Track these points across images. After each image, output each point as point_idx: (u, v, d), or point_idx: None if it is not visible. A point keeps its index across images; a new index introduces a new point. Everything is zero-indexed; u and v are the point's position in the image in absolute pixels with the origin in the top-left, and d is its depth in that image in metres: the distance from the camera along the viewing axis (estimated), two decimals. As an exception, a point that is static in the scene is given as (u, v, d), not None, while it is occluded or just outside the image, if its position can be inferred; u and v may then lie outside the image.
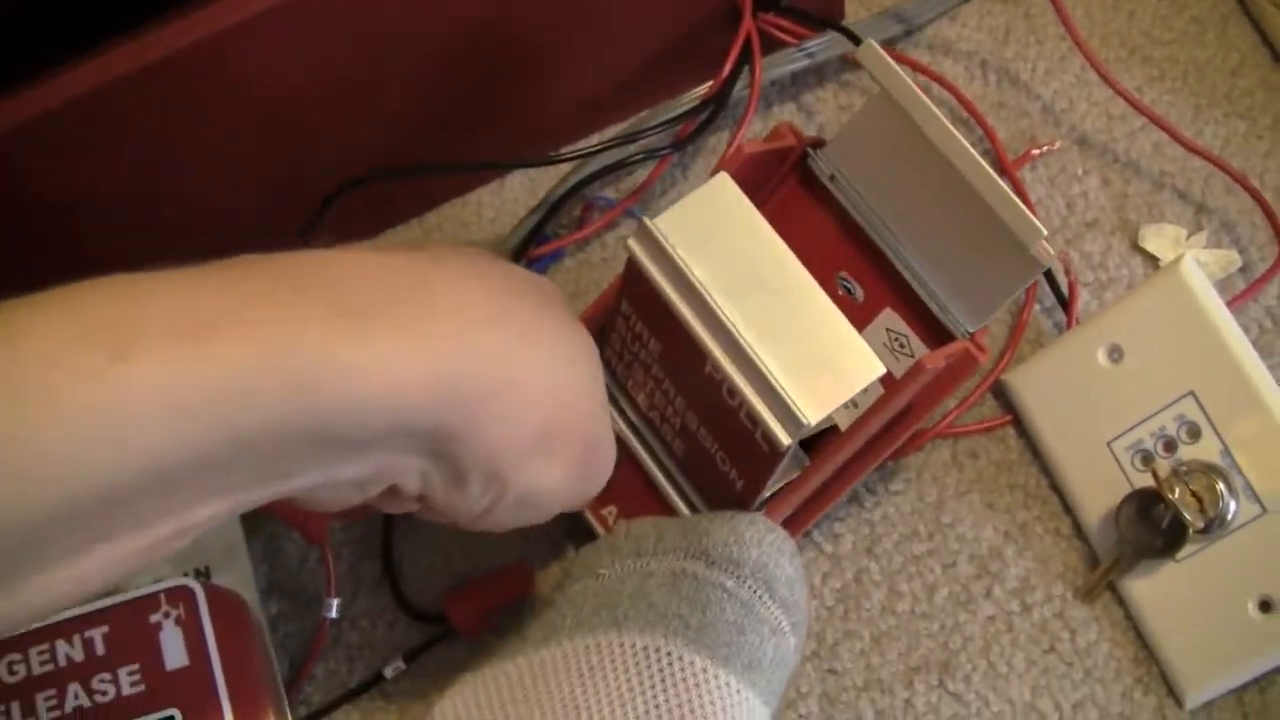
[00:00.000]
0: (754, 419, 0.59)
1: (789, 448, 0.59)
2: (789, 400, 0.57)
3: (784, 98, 0.83)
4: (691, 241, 0.60)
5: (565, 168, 0.79)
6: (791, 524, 0.67)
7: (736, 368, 0.59)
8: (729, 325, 0.59)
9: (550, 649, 0.60)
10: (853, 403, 0.60)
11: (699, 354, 0.60)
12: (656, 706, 0.57)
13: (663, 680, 0.58)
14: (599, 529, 0.69)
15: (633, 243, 0.61)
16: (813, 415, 0.57)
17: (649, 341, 0.64)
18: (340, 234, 0.79)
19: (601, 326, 0.68)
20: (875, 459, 0.66)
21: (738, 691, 0.58)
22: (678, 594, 0.60)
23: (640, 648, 0.58)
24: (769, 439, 0.59)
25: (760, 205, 0.61)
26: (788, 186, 0.67)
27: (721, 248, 0.60)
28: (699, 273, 0.59)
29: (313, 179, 0.74)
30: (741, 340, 0.58)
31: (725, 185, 0.61)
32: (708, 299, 0.59)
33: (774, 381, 0.58)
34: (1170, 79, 0.82)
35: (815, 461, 0.64)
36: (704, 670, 0.57)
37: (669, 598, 0.59)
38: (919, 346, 0.64)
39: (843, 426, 0.64)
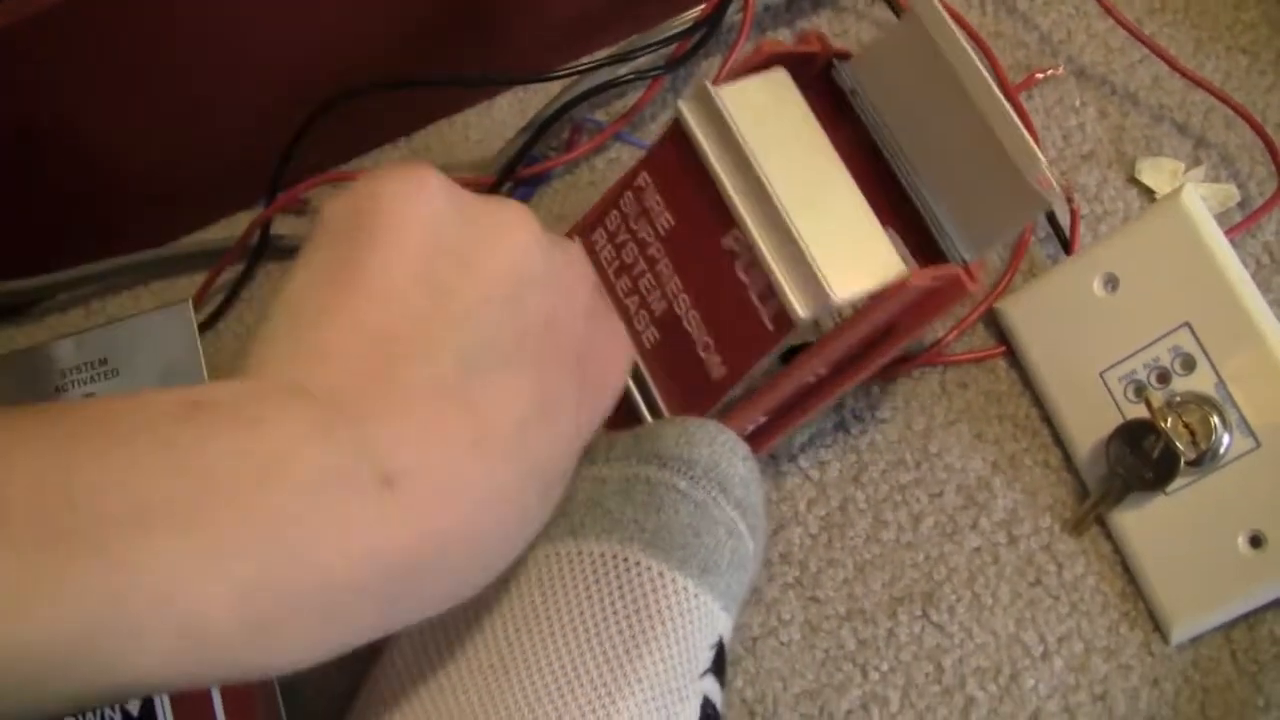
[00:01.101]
0: (772, 290, 0.59)
1: (804, 322, 0.58)
2: (818, 272, 0.58)
3: (778, 22, 0.82)
4: (745, 115, 0.61)
5: (555, 89, 0.78)
6: (758, 438, 0.66)
7: (767, 236, 0.59)
8: (771, 194, 0.59)
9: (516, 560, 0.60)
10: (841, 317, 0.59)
11: (723, 224, 0.60)
12: (615, 613, 0.57)
13: (619, 586, 0.58)
14: None
15: (684, 103, 0.61)
16: (840, 291, 0.57)
17: (660, 215, 0.64)
18: (325, 154, 0.78)
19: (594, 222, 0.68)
20: (853, 378, 0.65)
21: (695, 596, 0.58)
22: (631, 500, 0.59)
23: (597, 554, 0.58)
24: (781, 314, 0.59)
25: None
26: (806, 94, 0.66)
27: (771, 129, 0.61)
28: (749, 141, 0.60)
29: (296, 100, 0.73)
30: (781, 209, 0.59)
31: (781, 78, 0.63)
32: (754, 165, 0.59)
33: (806, 252, 0.58)
34: (1171, 11, 0.81)
35: (788, 367, 0.62)
36: (660, 575, 0.57)
37: (623, 504, 0.59)
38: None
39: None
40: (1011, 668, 0.69)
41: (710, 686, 0.59)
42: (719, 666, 0.59)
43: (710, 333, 0.63)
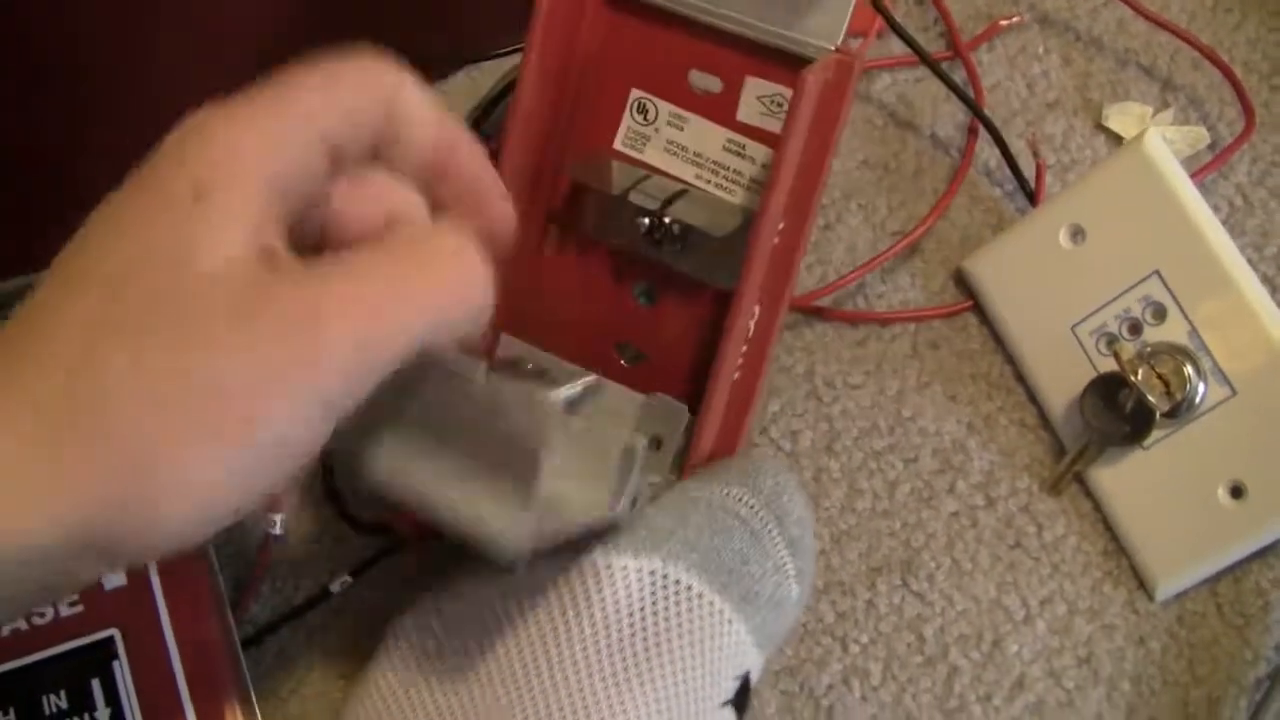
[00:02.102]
0: None
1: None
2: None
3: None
4: None
5: (508, 63, 0.76)
6: (764, 335, 0.64)
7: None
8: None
9: (530, 575, 0.59)
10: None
11: None
12: (644, 627, 0.57)
13: (653, 601, 0.57)
14: None
15: None
16: None
17: None
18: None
19: None
20: (807, 217, 0.62)
21: (729, 621, 0.57)
22: (685, 521, 0.59)
23: (633, 570, 0.57)
24: None
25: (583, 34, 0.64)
26: (603, 13, 0.65)
27: None
28: None
29: (242, 85, 0.72)
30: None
31: None
32: None
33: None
34: (1133, -48, 0.79)
35: (753, 229, 0.60)
36: (699, 595, 0.57)
37: (674, 524, 0.59)
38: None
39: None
40: (994, 633, 0.68)
41: (729, 719, 0.58)
42: (740, 702, 0.59)
43: None
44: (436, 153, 0.49)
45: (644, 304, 0.65)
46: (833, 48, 0.60)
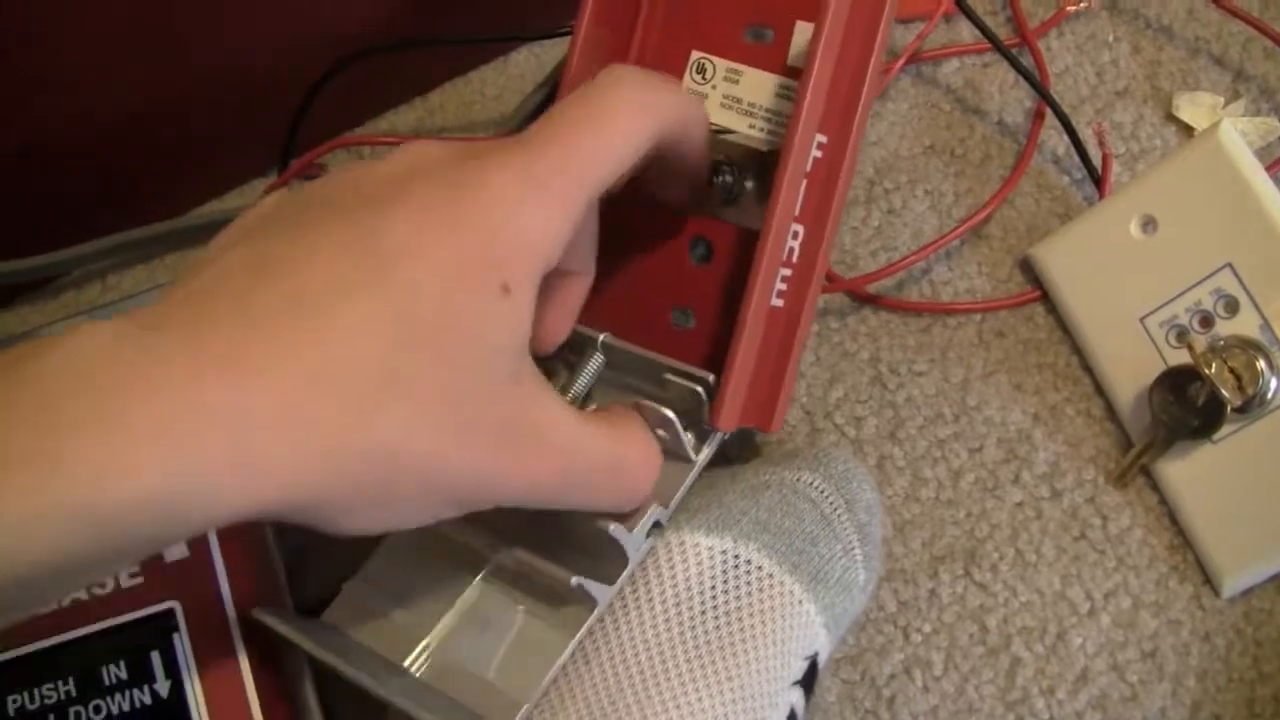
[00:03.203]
0: None
1: None
2: None
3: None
4: None
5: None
6: (806, 263, 0.61)
7: None
8: None
9: None
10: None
11: None
12: (715, 608, 0.57)
13: (725, 582, 0.57)
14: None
15: None
16: None
17: None
18: (338, 118, 0.77)
19: None
20: (849, 134, 0.60)
21: (800, 602, 0.58)
22: (758, 501, 0.59)
23: (705, 548, 0.58)
24: None
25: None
26: None
27: None
28: None
29: (306, 62, 0.71)
30: None
31: None
32: None
33: None
34: (1206, -61, 0.78)
35: (787, 139, 0.59)
36: (770, 575, 0.57)
37: (748, 504, 0.59)
38: None
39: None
40: (1058, 626, 0.67)
41: (797, 699, 0.58)
42: (809, 683, 0.59)
43: None
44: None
45: (699, 265, 0.64)
46: None
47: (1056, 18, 0.76)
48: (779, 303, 0.60)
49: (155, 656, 0.61)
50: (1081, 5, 0.77)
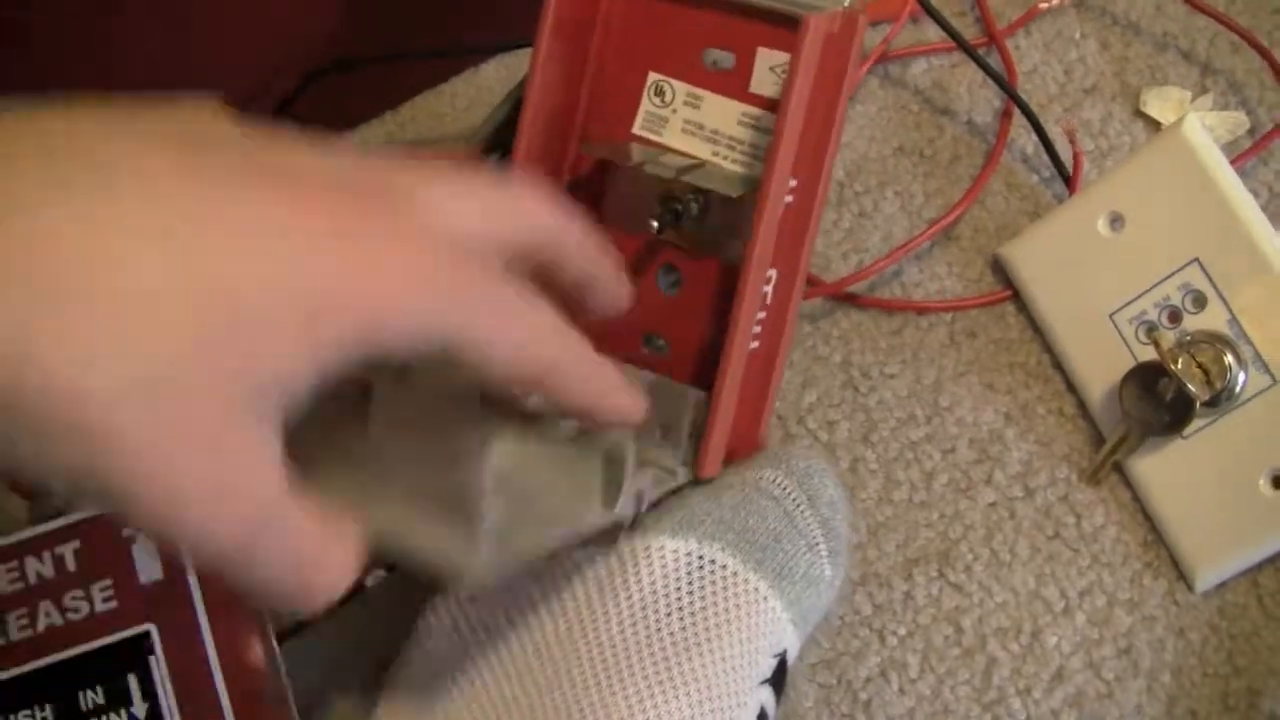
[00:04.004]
0: None
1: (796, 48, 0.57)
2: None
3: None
4: None
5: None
6: (781, 300, 0.62)
7: None
8: None
9: (562, 559, 0.59)
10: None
11: None
12: (681, 609, 0.57)
13: (690, 582, 0.57)
14: None
15: None
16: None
17: None
18: (309, 132, 0.77)
19: None
20: (820, 175, 0.61)
21: (765, 599, 0.58)
22: (720, 502, 0.59)
23: (669, 551, 0.58)
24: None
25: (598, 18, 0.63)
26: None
27: None
28: None
29: (276, 76, 0.71)
30: None
31: None
32: None
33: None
34: (1171, -66, 0.78)
35: (764, 182, 0.59)
36: (735, 573, 0.57)
37: (710, 505, 0.59)
38: None
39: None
40: (1033, 625, 0.67)
41: (767, 698, 0.58)
42: (778, 681, 0.59)
43: None
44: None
45: (669, 293, 0.65)
46: (845, 4, 0.60)
47: (1027, 16, 0.76)
48: (755, 345, 0.61)
49: (132, 680, 0.61)
50: (1054, 2, 0.77)
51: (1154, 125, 0.74)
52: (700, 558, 0.57)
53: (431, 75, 0.80)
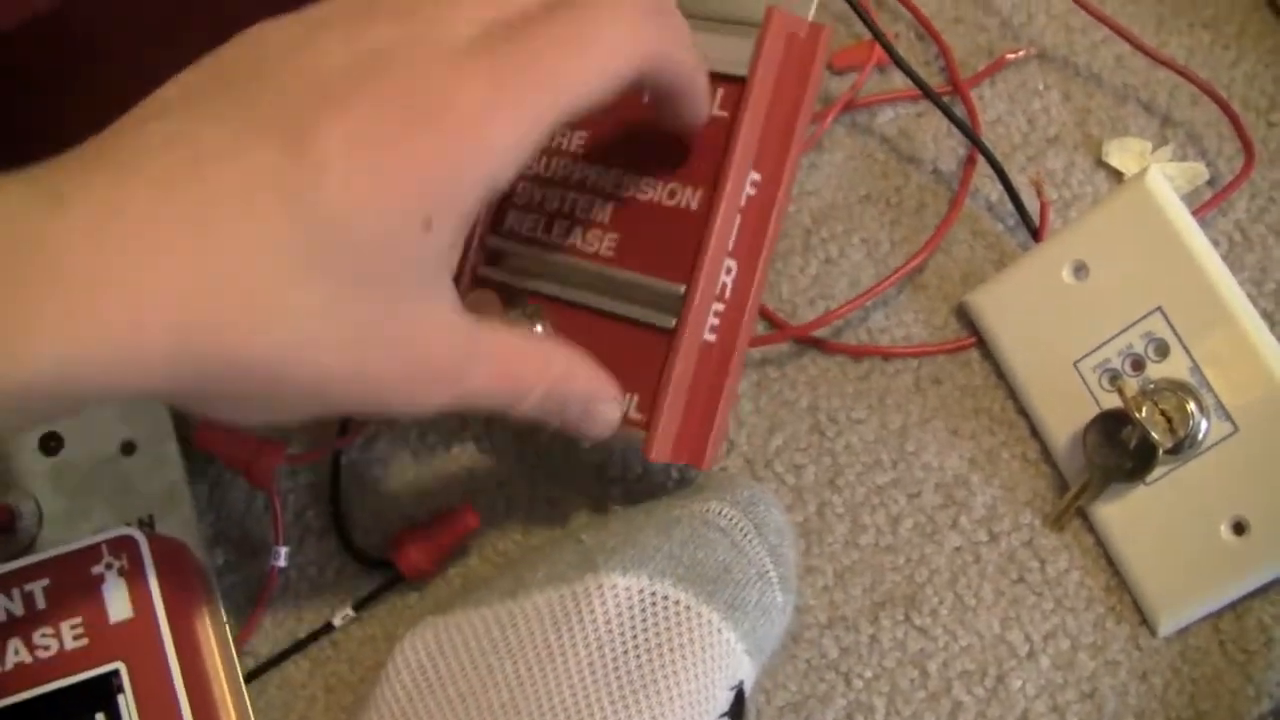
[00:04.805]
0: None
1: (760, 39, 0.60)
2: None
3: None
4: None
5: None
6: (739, 299, 0.63)
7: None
8: None
9: (519, 600, 0.60)
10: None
11: None
12: (636, 647, 0.57)
13: (644, 620, 0.58)
14: None
15: None
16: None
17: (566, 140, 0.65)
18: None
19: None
20: (781, 177, 0.63)
21: (719, 631, 0.58)
22: (670, 536, 0.60)
23: (622, 589, 0.58)
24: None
25: None
26: None
27: None
28: None
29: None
30: None
31: None
32: None
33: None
34: (1132, -12, 0.80)
35: (718, 187, 0.61)
36: (687, 608, 0.58)
37: (660, 540, 0.60)
38: None
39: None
40: (998, 669, 0.68)
41: None
42: (737, 712, 0.59)
43: (669, 177, 0.63)
44: None
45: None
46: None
47: (993, 67, 0.77)
48: (711, 337, 0.61)
49: (100, 719, 0.61)
50: (1020, 54, 0.78)
51: (1116, 175, 0.75)
52: (653, 594, 0.58)
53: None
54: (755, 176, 0.62)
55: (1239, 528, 0.66)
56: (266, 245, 0.44)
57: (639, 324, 0.63)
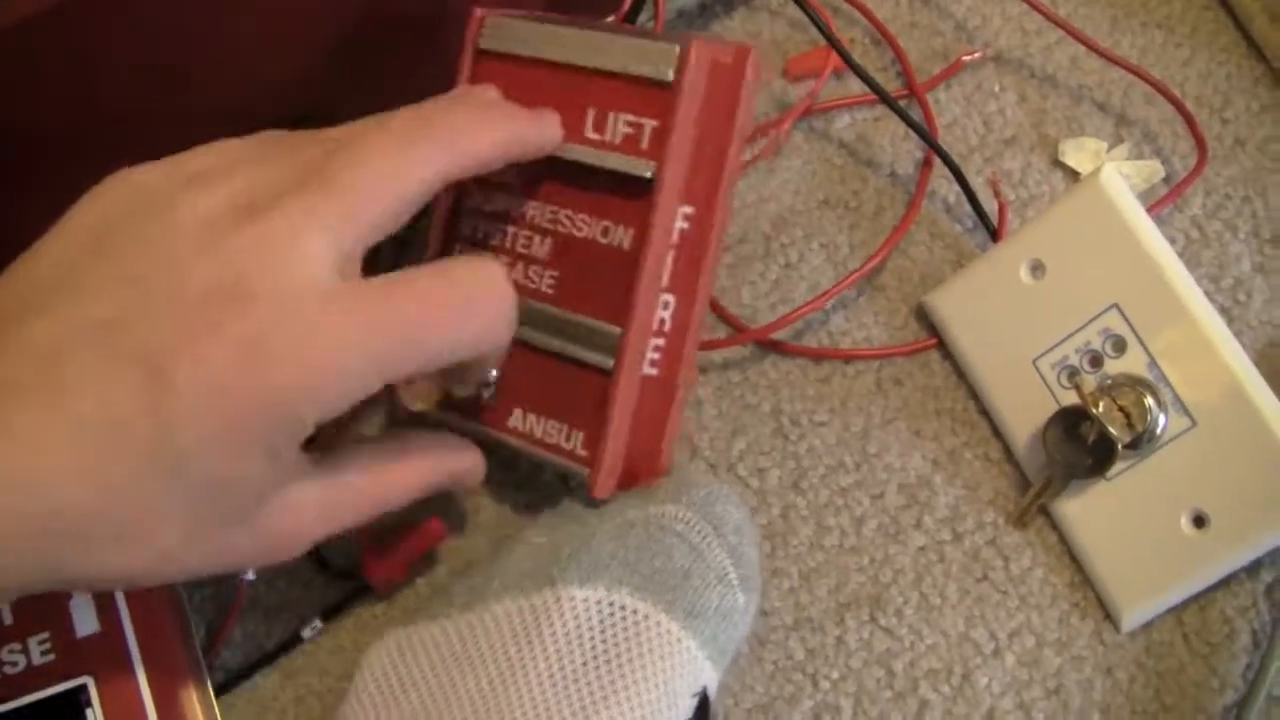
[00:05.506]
0: (633, 78, 0.61)
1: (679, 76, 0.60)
2: (653, 44, 0.60)
3: (691, 26, 0.81)
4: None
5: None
6: (679, 332, 0.64)
7: (601, 54, 0.62)
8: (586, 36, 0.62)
9: (478, 612, 0.60)
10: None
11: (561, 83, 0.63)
12: (595, 658, 0.57)
13: (602, 630, 0.57)
14: (516, 444, 0.66)
15: (485, 39, 0.66)
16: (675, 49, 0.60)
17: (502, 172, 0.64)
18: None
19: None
20: (715, 205, 0.62)
21: (679, 640, 0.58)
22: (625, 544, 0.60)
23: (579, 600, 0.58)
24: (653, 77, 0.60)
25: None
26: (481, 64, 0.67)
27: None
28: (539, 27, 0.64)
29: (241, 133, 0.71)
30: (600, 36, 0.62)
31: None
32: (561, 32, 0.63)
33: (634, 41, 0.61)
34: (1085, -11, 0.80)
35: (651, 214, 0.61)
36: (645, 617, 0.57)
37: (615, 548, 0.59)
38: None
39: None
40: (964, 667, 0.68)
41: None
42: (701, 718, 0.59)
43: (601, 214, 0.63)
44: None
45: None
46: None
47: (949, 70, 0.78)
48: (653, 371, 0.62)
49: (69, 733, 0.61)
50: (975, 55, 0.78)
51: (1072, 175, 0.76)
52: (611, 604, 0.58)
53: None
54: (687, 210, 0.61)
55: (1199, 521, 0.66)
56: (130, 477, 0.48)
57: (580, 363, 0.63)
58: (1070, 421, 0.67)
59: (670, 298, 0.62)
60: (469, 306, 0.54)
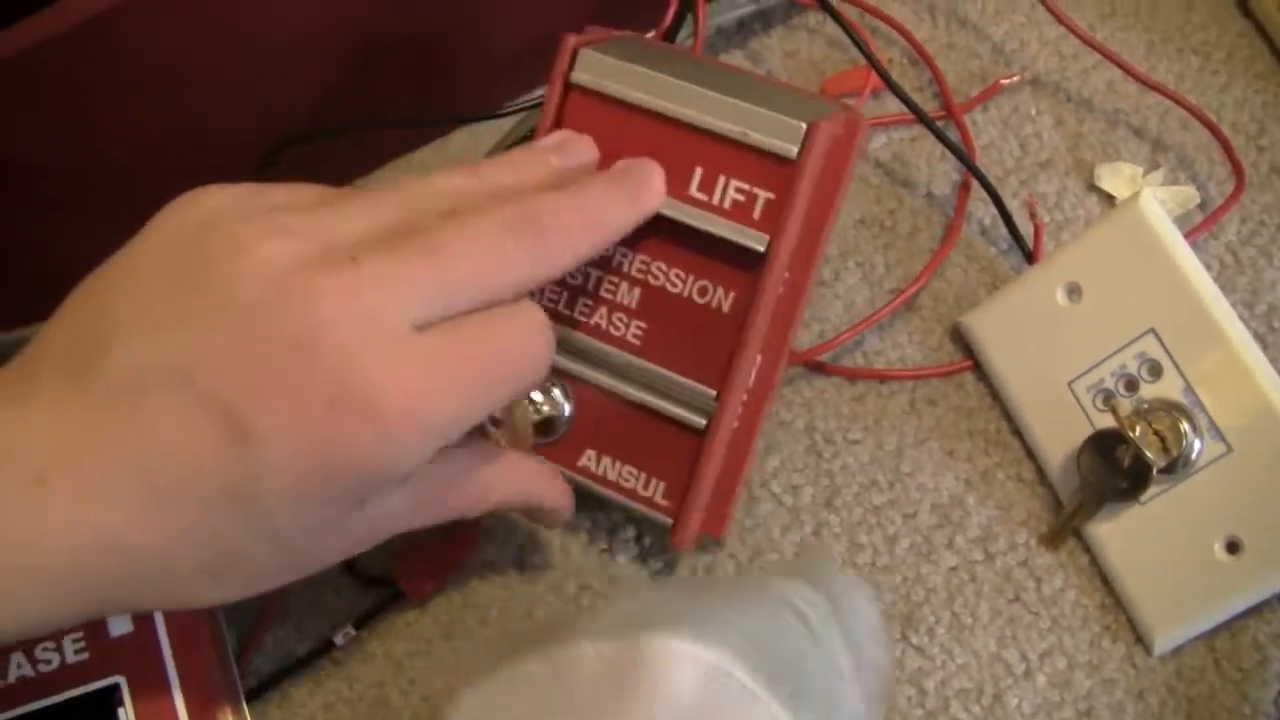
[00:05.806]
0: (752, 148, 0.60)
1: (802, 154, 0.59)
2: (778, 117, 0.60)
3: (730, 45, 0.81)
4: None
5: (508, 123, 0.77)
6: (763, 389, 0.65)
7: (720, 117, 0.60)
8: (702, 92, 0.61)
9: (570, 649, 0.58)
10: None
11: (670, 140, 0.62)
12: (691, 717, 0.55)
13: (704, 692, 0.55)
14: (587, 484, 0.66)
15: (579, 74, 0.63)
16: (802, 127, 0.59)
17: None
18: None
19: None
20: (810, 265, 0.64)
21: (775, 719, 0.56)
22: (744, 613, 0.57)
23: (689, 656, 0.54)
24: (776, 151, 0.60)
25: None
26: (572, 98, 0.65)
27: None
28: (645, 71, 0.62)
29: (244, 148, 0.72)
30: (717, 96, 0.61)
31: None
32: (672, 83, 0.62)
33: (757, 110, 0.60)
34: (1122, 15, 0.80)
35: (760, 280, 0.61)
36: (753, 694, 0.54)
37: (732, 614, 0.56)
38: None
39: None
40: (994, 687, 0.68)
41: None
42: None
43: (700, 274, 0.63)
44: None
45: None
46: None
47: (987, 92, 0.78)
48: (734, 424, 0.62)
49: (101, 732, 0.61)
50: (1014, 79, 0.79)
51: (1107, 199, 0.76)
52: (719, 669, 0.55)
53: (399, 144, 0.81)
54: (786, 275, 0.62)
55: (1233, 547, 0.66)
56: (209, 523, 0.48)
57: (666, 417, 0.64)
58: (1105, 445, 0.67)
59: (759, 357, 0.63)
60: (529, 347, 0.54)
